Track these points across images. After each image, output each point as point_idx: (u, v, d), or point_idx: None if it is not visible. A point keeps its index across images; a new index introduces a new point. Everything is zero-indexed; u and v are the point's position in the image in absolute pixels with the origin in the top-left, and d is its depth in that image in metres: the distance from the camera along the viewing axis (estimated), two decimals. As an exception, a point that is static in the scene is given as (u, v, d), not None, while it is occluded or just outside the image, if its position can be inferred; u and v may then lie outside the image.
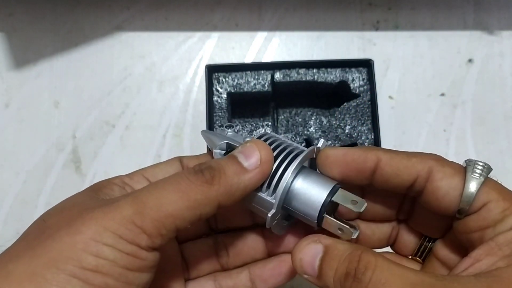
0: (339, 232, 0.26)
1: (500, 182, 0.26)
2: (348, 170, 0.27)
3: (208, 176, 0.24)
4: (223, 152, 0.28)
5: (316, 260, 0.24)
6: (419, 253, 0.30)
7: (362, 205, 0.25)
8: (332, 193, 0.26)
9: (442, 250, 0.28)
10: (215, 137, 0.29)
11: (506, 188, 0.25)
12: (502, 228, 0.23)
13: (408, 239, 0.30)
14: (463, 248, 0.26)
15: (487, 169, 0.25)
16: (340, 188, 0.26)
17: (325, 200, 0.26)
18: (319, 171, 0.28)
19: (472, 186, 0.24)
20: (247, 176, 0.24)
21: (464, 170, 0.25)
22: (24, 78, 0.49)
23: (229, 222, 0.31)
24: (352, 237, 0.26)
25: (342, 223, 0.26)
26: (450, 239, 0.28)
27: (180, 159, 0.30)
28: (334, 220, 0.26)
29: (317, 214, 0.26)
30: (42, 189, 0.46)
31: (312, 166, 0.29)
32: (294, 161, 0.26)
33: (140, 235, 0.22)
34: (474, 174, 0.25)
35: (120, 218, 0.22)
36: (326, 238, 0.25)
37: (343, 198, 0.26)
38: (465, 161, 0.26)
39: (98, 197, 0.25)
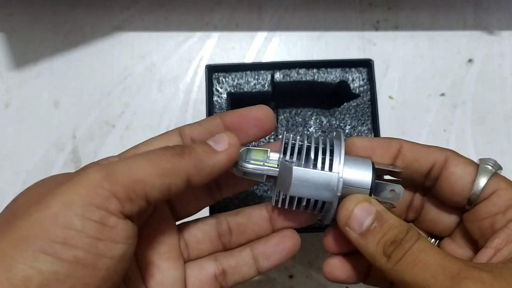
0: (390, 195, 0.27)
1: (504, 163, 0.28)
2: (373, 154, 0.28)
3: (179, 150, 0.24)
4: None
5: (367, 219, 0.25)
6: None
7: (399, 194, 0.27)
8: (371, 190, 0.27)
9: (449, 246, 0.29)
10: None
11: None
12: None
13: None
14: (470, 244, 0.28)
15: (498, 166, 0.27)
16: (377, 181, 0.27)
17: (372, 171, 0.27)
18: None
19: (484, 175, 0.26)
20: (216, 156, 0.25)
21: (476, 164, 0.27)
22: (24, 78, 0.49)
23: (234, 187, 0.31)
24: (398, 200, 0.27)
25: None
26: (457, 236, 0.29)
27: (180, 131, 0.29)
28: (384, 182, 0.27)
29: (370, 184, 0.27)
30: (42, 189, 0.46)
31: None
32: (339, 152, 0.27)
33: (109, 198, 0.22)
34: (486, 166, 0.27)
35: (88, 182, 0.22)
36: (377, 203, 0.26)
37: (382, 193, 0.27)
38: (479, 159, 0.28)
39: (69, 174, 0.25)
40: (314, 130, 0.43)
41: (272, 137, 0.43)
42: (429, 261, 0.23)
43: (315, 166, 0.27)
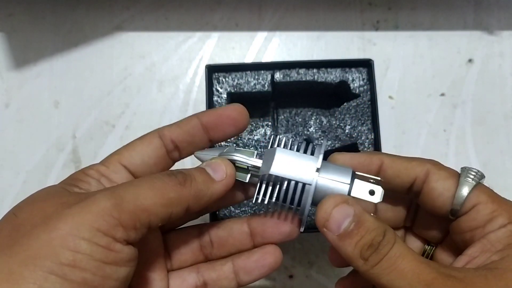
0: (369, 196, 0.27)
1: (491, 188, 0.27)
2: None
3: (181, 179, 0.25)
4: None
5: (345, 221, 0.25)
6: None
7: (379, 195, 0.27)
8: (351, 184, 0.27)
9: (441, 254, 0.30)
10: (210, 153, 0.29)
11: (495, 193, 0.27)
12: (491, 227, 0.26)
13: (413, 246, 0.32)
14: (460, 251, 0.28)
15: (480, 175, 0.27)
16: (356, 179, 0.28)
17: (350, 181, 0.27)
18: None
19: (464, 189, 0.27)
20: (215, 186, 0.27)
21: (458, 175, 0.28)
22: (24, 78, 0.49)
23: (222, 202, 0.31)
24: (379, 200, 0.27)
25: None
26: (448, 244, 0.30)
27: (159, 133, 0.29)
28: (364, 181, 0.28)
29: (350, 177, 0.27)
30: (42, 189, 0.46)
31: None
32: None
33: (116, 227, 0.22)
34: (467, 178, 0.27)
35: (98, 210, 0.22)
36: (356, 204, 0.26)
37: (361, 190, 0.28)
38: (461, 168, 0.28)
39: (72, 191, 0.26)
40: (314, 130, 0.43)
41: (272, 136, 0.43)
42: (405, 268, 0.24)
43: (298, 151, 0.28)
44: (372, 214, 0.26)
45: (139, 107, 0.48)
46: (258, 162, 0.28)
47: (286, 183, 0.27)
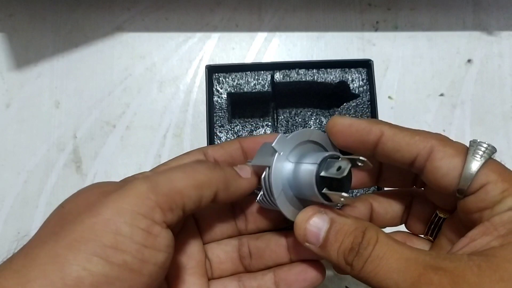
0: (342, 200, 0.26)
1: (502, 164, 0.26)
2: (351, 140, 0.27)
3: (211, 165, 0.27)
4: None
5: (322, 231, 0.25)
6: (429, 232, 0.30)
7: (345, 169, 0.25)
8: (322, 164, 0.26)
9: (449, 228, 0.28)
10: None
11: (508, 169, 0.25)
12: (500, 209, 0.24)
13: (420, 218, 0.30)
14: (467, 227, 0.26)
15: (490, 150, 0.25)
16: (329, 159, 0.26)
17: (315, 178, 0.26)
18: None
19: (472, 167, 0.24)
20: (240, 180, 0.28)
21: (466, 150, 0.25)
22: (25, 78, 0.49)
23: (261, 223, 0.31)
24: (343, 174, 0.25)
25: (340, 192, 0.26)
26: (457, 218, 0.28)
27: (204, 151, 0.31)
28: (332, 192, 0.26)
29: (318, 193, 0.26)
30: (43, 189, 0.46)
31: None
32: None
33: (154, 208, 0.24)
34: (476, 155, 0.25)
35: (136, 194, 0.23)
36: (331, 210, 0.26)
37: (329, 169, 0.26)
38: (470, 141, 0.26)
39: (113, 183, 0.27)
40: (314, 130, 0.43)
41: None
42: (390, 268, 0.23)
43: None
44: (349, 215, 0.26)
45: (139, 107, 0.48)
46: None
47: (263, 173, 0.28)
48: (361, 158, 0.25)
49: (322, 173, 0.26)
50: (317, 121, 0.44)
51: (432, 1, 0.50)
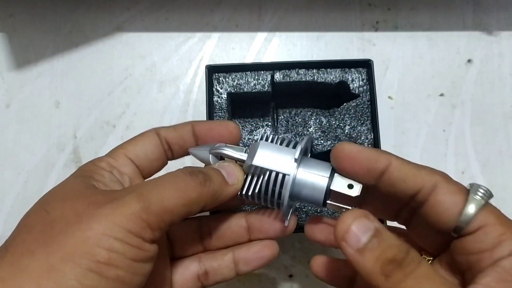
0: (343, 210, 0.28)
1: (498, 209, 0.26)
2: (359, 167, 0.28)
3: (202, 179, 0.27)
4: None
5: (365, 235, 0.25)
6: None
7: (358, 189, 0.28)
8: (331, 178, 0.28)
9: (440, 269, 0.28)
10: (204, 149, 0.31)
11: (503, 214, 0.26)
12: (501, 253, 0.24)
13: None
14: (456, 272, 0.27)
15: (489, 194, 0.26)
16: (336, 174, 0.29)
17: (326, 188, 0.28)
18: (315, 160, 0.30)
19: (472, 207, 0.25)
20: (228, 189, 0.29)
21: (467, 191, 0.26)
22: (25, 79, 0.49)
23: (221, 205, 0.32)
24: (356, 194, 0.28)
25: (343, 205, 0.28)
26: (446, 259, 0.28)
27: (157, 131, 0.32)
28: (336, 204, 0.28)
29: (322, 202, 0.29)
30: (43, 189, 0.46)
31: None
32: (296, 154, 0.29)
33: (145, 229, 0.24)
34: (476, 196, 0.25)
35: (129, 213, 0.24)
36: (377, 220, 0.26)
37: (341, 184, 0.28)
38: (469, 184, 0.27)
39: (96, 187, 0.27)
40: (313, 130, 0.43)
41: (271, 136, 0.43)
42: None
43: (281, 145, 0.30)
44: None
45: (139, 107, 0.48)
46: (244, 156, 0.30)
47: (267, 174, 0.29)
48: (354, 183, 0.28)
49: (333, 188, 0.28)
50: (317, 121, 0.44)
51: (432, 1, 0.50)
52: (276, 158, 0.29)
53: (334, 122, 0.43)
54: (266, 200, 0.29)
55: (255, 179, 0.29)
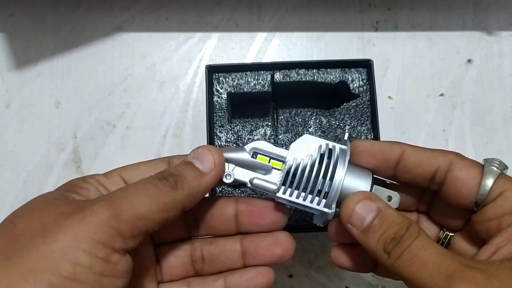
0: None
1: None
2: (374, 159, 0.29)
3: (173, 182, 0.25)
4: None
5: (368, 216, 0.26)
6: None
7: (396, 200, 0.29)
8: (372, 176, 0.28)
9: (460, 242, 0.30)
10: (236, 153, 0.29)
11: None
12: None
13: (428, 233, 0.31)
14: (480, 241, 0.28)
15: (503, 166, 0.27)
16: (375, 186, 0.29)
17: (371, 178, 0.28)
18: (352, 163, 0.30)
19: (490, 177, 0.26)
20: (205, 179, 0.27)
21: (481, 165, 0.27)
22: (25, 78, 0.49)
23: (211, 228, 0.31)
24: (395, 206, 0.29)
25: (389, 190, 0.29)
26: (468, 233, 0.29)
27: (168, 161, 0.30)
28: (384, 188, 0.29)
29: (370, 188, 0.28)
30: (43, 189, 0.46)
31: None
32: (342, 164, 0.28)
33: (115, 237, 0.23)
34: (492, 167, 0.27)
35: (97, 222, 0.23)
36: (379, 200, 0.27)
37: (380, 196, 0.28)
38: (483, 159, 0.28)
39: (69, 198, 0.26)
40: (314, 130, 0.43)
41: (272, 137, 0.43)
42: (427, 260, 0.24)
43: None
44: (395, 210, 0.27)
45: (139, 107, 0.48)
46: (284, 152, 0.29)
47: (313, 177, 0.28)
48: (393, 194, 0.28)
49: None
50: (317, 121, 0.44)
51: (432, 1, 0.50)
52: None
53: (334, 122, 0.43)
54: (312, 187, 0.28)
55: (301, 164, 0.28)
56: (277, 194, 0.28)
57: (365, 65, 0.43)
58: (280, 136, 0.43)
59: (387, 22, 0.50)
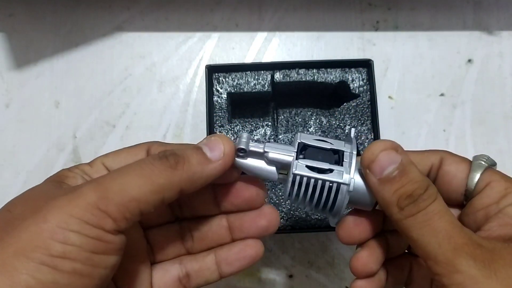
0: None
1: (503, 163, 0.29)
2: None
3: (173, 162, 0.25)
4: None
5: (390, 166, 0.25)
6: None
7: None
8: None
9: None
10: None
11: (507, 175, 0.28)
12: (506, 202, 0.26)
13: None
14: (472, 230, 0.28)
15: (491, 161, 0.28)
16: None
17: None
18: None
19: (477, 170, 0.27)
20: (210, 166, 0.26)
21: (470, 161, 0.28)
22: (24, 78, 0.49)
23: (195, 210, 0.31)
24: None
25: None
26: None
27: (148, 146, 0.29)
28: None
29: (373, 205, 0.28)
30: (43, 189, 0.46)
31: None
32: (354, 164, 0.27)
33: (104, 219, 0.23)
34: (480, 161, 0.28)
35: (84, 204, 0.22)
36: (405, 153, 0.26)
37: None
38: (473, 156, 0.29)
39: (61, 187, 0.26)
40: (314, 130, 0.43)
41: (272, 136, 0.43)
42: (439, 227, 0.24)
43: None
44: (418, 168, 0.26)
45: (139, 107, 0.48)
46: (291, 150, 0.27)
47: (320, 182, 0.27)
48: None
49: None
50: (317, 121, 0.44)
51: (433, 1, 0.50)
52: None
53: (334, 122, 0.43)
54: (318, 201, 0.27)
55: (304, 182, 0.27)
56: (287, 196, 0.28)
57: (365, 65, 0.43)
58: (280, 136, 0.43)
59: (387, 22, 0.50)
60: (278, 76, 0.42)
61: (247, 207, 0.30)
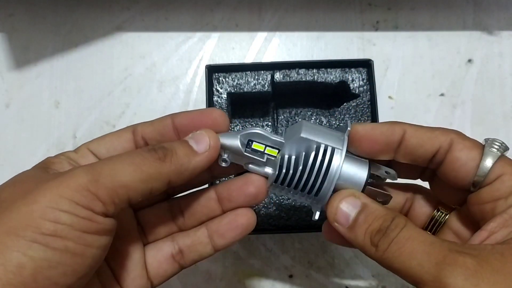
0: (378, 200, 0.28)
1: None
2: (376, 144, 0.28)
3: (161, 154, 0.25)
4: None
5: (353, 213, 0.26)
6: (429, 226, 0.31)
7: (395, 175, 0.29)
8: (369, 168, 0.28)
9: (455, 223, 0.30)
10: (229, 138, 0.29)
11: None
12: None
13: (421, 211, 0.31)
14: (475, 223, 0.28)
15: (504, 147, 0.26)
16: (371, 162, 0.29)
17: (367, 173, 0.28)
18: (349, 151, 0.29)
19: (489, 159, 0.26)
20: (197, 158, 0.27)
21: (482, 145, 0.27)
22: (24, 78, 0.49)
23: (184, 186, 0.31)
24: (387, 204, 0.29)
25: (381, 191, 0.29)
26: (464, 213, 0.29)
27: (133, 128, 0.30)
28: (376, 189, 0.28)
29: (363, 187, 0.28)
30: (43, 189, 0.46)
31: None
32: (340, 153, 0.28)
33: (94, 201, 0.23)
34: (492, 149, 0.26)
35: (75, 185, 0.23)
36: (363, 196, 0.27)
37: (378, 169, 0.29)
38: (484, 139, 0.27)
39: (48, 172, 0.26)
40: (314, 130, 0.43)
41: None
42: (415, 249, 0.24)
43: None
44: (380, 204, 0.27)
45: (139, 107, 0.48)
46: (279, 138, 0.28)
47: (315, 148, 0.27)
48: (389, 172, 0.29)
49: (373, 171, 0.28)
50: (317, 121, 0.44)
51: (433, 1, 0.50)
52: (323, 135, 0.27)
53: (334, 122, 0.43)
54: (305, 182, 0.28)
55: (293, 160, 0.28)
56: (269, 187, 0.28)
57: (365, 65, 0.43)
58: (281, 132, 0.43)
59: (387, 22, 0.50)
60: (278, 76, 0.42)
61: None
